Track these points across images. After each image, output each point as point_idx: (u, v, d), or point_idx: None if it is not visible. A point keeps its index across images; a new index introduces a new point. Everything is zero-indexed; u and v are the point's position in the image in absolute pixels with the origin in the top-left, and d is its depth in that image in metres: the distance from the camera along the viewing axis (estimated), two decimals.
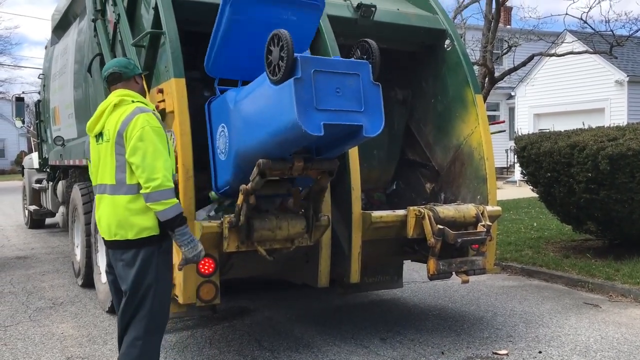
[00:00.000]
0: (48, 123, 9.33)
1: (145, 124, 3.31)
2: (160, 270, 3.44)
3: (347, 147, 3.78)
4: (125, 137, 3.32)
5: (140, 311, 3.41)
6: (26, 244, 10.50)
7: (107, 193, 3.42)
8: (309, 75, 3.26)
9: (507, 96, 25.11)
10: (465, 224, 4.59)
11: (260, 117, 3.56)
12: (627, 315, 5.65)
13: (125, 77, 3.56)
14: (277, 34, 3.37)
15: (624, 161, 6.77)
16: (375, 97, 3.51)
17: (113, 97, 3.48)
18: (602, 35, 13.04)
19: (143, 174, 3.25)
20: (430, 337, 5.02)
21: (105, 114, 3.45)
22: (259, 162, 3.50)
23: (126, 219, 3.35)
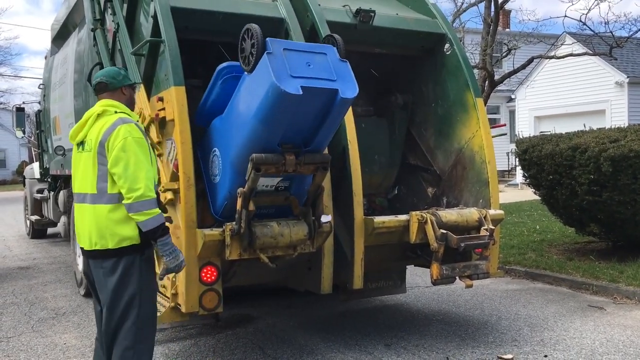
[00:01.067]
0: (49, 133, 9.33)
1: (127, 135, 3.32)
2: (144, 279, 3.43)
3: (331, 123, 3.82)
4: (107, 147, 3.33)
5: (126, 322, 3.39)
6: (28, 254, 10.48)
7: (88, 202, 3.42)
8: (280, 52, 3.56)
9: (508, 99, 25.12)
10: (468, 228, 4.58)
11: (245, 108, 3.75)
12: (633, 317, 5.62)
13: (112, 87, 3.56)
14: (248, 27, 3.68)
15: (626, 162, 6.75)
16: (345, 69, 3.78)
17: (97, 107, 3.51)
18: (601, 37, 13.06)
19: (125, 184, 3.26)
20: (435, 342, 5.00)
21: (89, 123, 3.48)
22: (252, 157, 3.60)
23: (107, 228, 3.34)
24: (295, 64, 3.56)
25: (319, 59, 3.68)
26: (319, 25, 4.77)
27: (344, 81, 3.68)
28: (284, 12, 4.83)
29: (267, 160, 3.63)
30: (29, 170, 12.67)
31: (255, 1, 4.94)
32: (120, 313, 3.39)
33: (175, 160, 4.08)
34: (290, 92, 3.41)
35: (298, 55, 3.61)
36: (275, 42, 3.60)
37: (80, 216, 3.50)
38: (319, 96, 3.58)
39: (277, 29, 4.81)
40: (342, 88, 3.63)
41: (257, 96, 3.58)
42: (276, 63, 3.49)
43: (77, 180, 3.52)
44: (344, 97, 3.62)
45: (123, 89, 3.60)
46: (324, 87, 3.59)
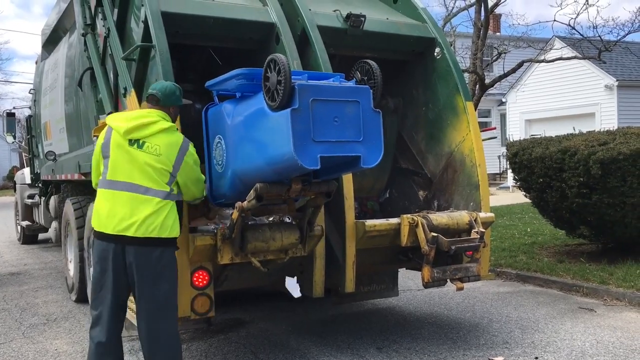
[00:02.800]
0: (39, 138, 9.31)
1: (194, 153, 3.83)
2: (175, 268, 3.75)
3: (344, 173, 3.81)
4: (185, 160, 3.73)
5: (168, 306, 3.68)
6: (19, 259, 10.42)
7: (149, 195, 3.60)
8: (307, 105, 3.20)
9: (498, 102, 25.25)
10: (458, 231, 4.60)
11: (257, 141, 3.54)
12: (622, 319, 5.66)
13: (162, 104, 3.84)
14: (273, 58, 3.32)
15: (615, 165, 6.81)
16: (376, 125, 3.44)
17: (157, 116, 3.75)
18: (590, 41, 13.16)
19: (200, 193, 3.94)
20: (427, 345, 5.01)
21: (152, 129, 3.68)
22: (256, 187, 3.50)
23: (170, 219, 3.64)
24: (321, 122, 3.23)
25: (349, 110, 3.34)
26: (310, 30, 4.80)
27: (370, 143, 3.39)
28: (274, 16, 4.84)
29: (271, 191, 3.55)
30: (20, 176, 12.62)
31: (245, 6, 4.95)
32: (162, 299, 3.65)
33: None
34: (306, 166, 3.17)
35: (326, 108, 3.25)
36: (304, 91, 3.20)
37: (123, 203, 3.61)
38: (338, 160, 3.37)
39: (268, 33, 4.83)
40: (365, 154, 3.36)
41: (272, 146, 3.34)
42: (299, 123, 3.16)
43: (127, 170, 3.64)
44: (363, 167, 3.40)
45: (172, 108, 3.89)
46: (346, 154, 3.32)
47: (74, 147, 6.82)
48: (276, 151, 3.30)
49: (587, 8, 13.75)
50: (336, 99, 3.32)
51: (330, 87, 3.43)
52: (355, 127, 3.34)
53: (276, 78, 3.26)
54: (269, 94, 3.34)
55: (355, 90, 3.45)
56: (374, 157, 3.42)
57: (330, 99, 3.30)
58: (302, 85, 3.23)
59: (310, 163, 3.18)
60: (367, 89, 3.53)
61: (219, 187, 4.00)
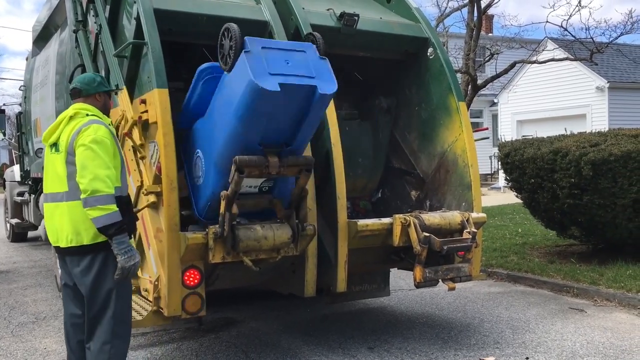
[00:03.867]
0: (29, 135, 9.24)
1: (92, 134, 3.42)
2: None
3: (311, 120, 3.84)
4: (74, 146, 3.44)
5: (104, 315, 3.50)
6: (8, 257, 10.34)
7: (64, 200, 3.48)
8: (258, 50, 3.56)
9: (490, 103, 25.33)
10: (450, 231, 4.60)
11: (224, 108, 3.75)
12: (612, 319, 5.69)
13: (85, 93, 3.68)
14: (227, 27, 3.68)
15: (606, 166, 6.84)
16: (324, 66, 3.77)
17: (70, 110, 3.62)
18: (582, 43, 13.22)
19: (82, 179, 3.33)
20: (418, 345, 5.02)
21: (62, 125, 3.57)
22: (235, 159, 3.60)
23: (82, 223, 3.42)
24: (274, 62, 3.57)
25: (298, 57, 3.70)
26: (303, 29, 4.78)
27: (323, 78, 3.70)
28: (267, 15, 4.82)
29: (250, 163, 3.63)
30: (10, 173, 12.51)
31: (239, 4, 4.93)
32: (97, 308, 3.50)
33: (158, 163, 4.05)
34: (268, 89, 3.43)
35: (276, 54, 3.63)
36: (253, 41, 3.60)
37: (52, 215, 3.57)
38: (297, 93, 3.61)
39: (261, 31, 4.80)
40: (320, 84, 3.65)
41: (236, 95, 3.60)
42: (254, 61, 3.51)
43: (49, 181, 3.60)
44: (322, 93, 3.64)
45: (97, 96, 3.71)
46: (302, 83, 3.61)
47: None
48: (240, 93, 3.56)
49: (580, 10, 13.81)
50: (284, 49, 3.73)
51: (277, 42, 4.00)
52: (306, 67, 3.69)
53: (228, 43, 3.62)
54: (223, 59, 3.69)
55: (299, 44, 3.88)
56: (329, 87, 3.69)
57: (278, 47, 3.72)
58: (250, 38, 3.61)
59: (272, 87, 3.44)
60: (310, 44, 3.90)
61: (202, 196, 4.07)
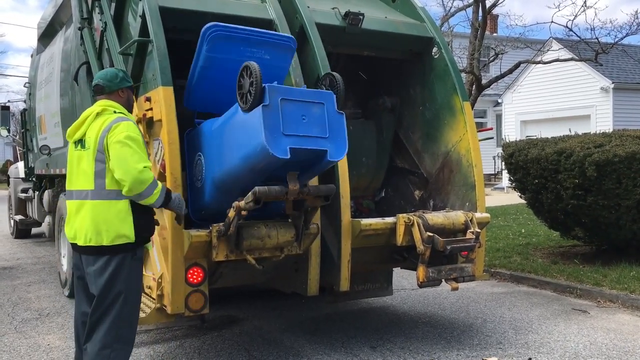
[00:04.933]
0: (34, 132, 9.26)
1: (124, 130, 3.42)
2: (132, 278, 3.52)
3: (313, 173, 3.90)
4: (105, 144, 3.42)
5: (107, 317, 3.45)
6: (12, 254, 10.37)
7: (89, 198, 3.46)
8: (277, 103, 3.48)
9: (494, 103, 25.29)
10: (454, 231, 4.60)
11: (233, 143, 3.72)
12: (616, 320, 5.68)
13: (108, 90, 3.67)
14: (247, 65, 3.61)
15: (611, 167, 6.82)
16: (339, 124, 3.71)
17: (96, 107, 3.59)
18: (587, 43, 13.18)
19: (127, 177, 3.33)
20: (420, 344, 5.01)
21: (87, 121, 3.55)
22: (255, 190, 3.57)
23: (104, 224, 3.41)
24: (290, 119, 3.50)
25: (316, 111, 3.62)
26: (308, 28, 4.78)
27: (336, 139, 3.65)
28: (272, 13, 4.82)
29: (270, 195, 3.62)
30: (14, 170, 12.54)
31: (244, 2, 4.93)
32: (102, 310, 3.46)
33: (162, 161, 4.06)
34: (277, 155, 3.39)
35: (295, 107, 3.54)
36: (273, 91, 3.49)
37: (74, 212, 3.53)
38: (306, 155, 3.59)
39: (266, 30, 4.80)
40: (331, 149, 3.60)
41: (245, 143, 3.56)
42: (270, 118, 3.43)
43: (74, 178, 3.57)
44: (330, 160, 3.63)
45: (120, 92, 3.70)
46: (314, 147, 3.56)
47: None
48: (250, 145, 3.51)
49: (585, 10, 13.80)
50: (303, 100, 3.62)
51: (298, 90, 3.79)
52: (321, 125, 3.62)
53: (248, 82, 3.54)
54: (242, 98, 3.61)
55: (320, 94, 3.77)
56: (339, 152, 3.68)
57: (298, 99, 3.60)
58: (271, 86, 3.52)
59: (281, 153, 3.40)
60: (331, 93, 3.81)
61: (198, 200, 4.10)
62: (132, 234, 3.44)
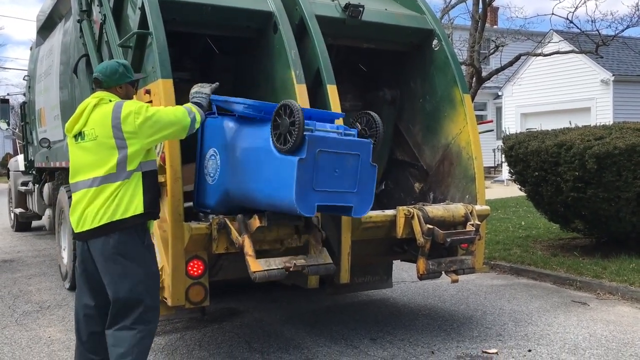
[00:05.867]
0: (34, 125, 9.24)
1: (134, 104, 3.49)
2: (147, 261, 3.54)
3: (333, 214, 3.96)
4: (124, 126, 3.39)
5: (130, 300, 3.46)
6: (12, 247, 10.38)
7: (95, 186, 3.44)
8: (313, 156, 3.40)
9: (495, 96, 25.25)
10: (454, 224, 4.60)
11: (258, 175, 3.65)
12: (615, 312, 5.69)
13: (106, 85, 3.65)
14: (288, 105, 3.45)
15: (611, 160, 6.82)
16: (370, 178, 3.72)
17: (92, 99, 3.59)
18: (588, 35, 13.15)
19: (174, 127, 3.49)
20: (420, 336, 5.03)
21: (85, 114, 3.53)
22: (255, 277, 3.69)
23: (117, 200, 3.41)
24: (323, 172, 3.45)
25: (350, 163, 3.56)
26: (308, 20, 4.76)
27: (363, 194, 3.64)
28: (272, 5, 4.80)
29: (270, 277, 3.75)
30: (14, 163, 12.54)
31: None
32: (123, 293, 3.46)
33: (162, 154, 4.05)
34: (304, 214, 3.40)
35: (330, 160, 3.45)
36: (313, 143, 3.36)
37: (81, 201, 3.50)
38: (331, 209, 3.63)
39: (266, 22, 4.79)
40: (357, 204, 3.59)
41: (273, 185, 3.51)
42: (304, 173, 3.37)
43: (79, 169, 3.54)
44: (354, 216, 3.68)
45: (117, 87, 3.67)
46: (340, 204, 3.57)
47: None
48: (277, 193, 3.47)
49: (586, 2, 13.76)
50: (340, 152, 3.54)
51: (336, 140, 3.63)
52: (353, 179, 3.60)
53: (288, 123, 3.38)
54: (279, 139, 3.46)
55: (358, 144, 3.68)
56: (364, 208, 3.69)
57: (335, 151, 3.52)
58: (312, 137, 3.41)
59: (308, 211, 3.41)
60: (369, 143, 3.75)
61: (206, 197, 4.05)
62: (142, 205, 3.45)
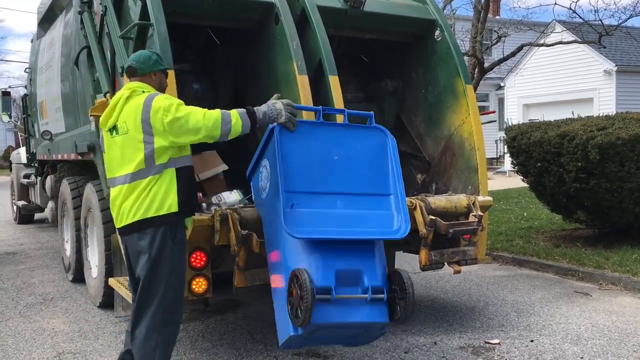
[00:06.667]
0: (35, 117, 9.24)
1: (165, 99, 3.39)
2: (174, 261, 3.46)
3: None
4: (152, 122, 3.33)
5: (152, 302, 3.42)
6: (15, 239, 10.41)
7: (128, 182, 3.41)
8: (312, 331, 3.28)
9: (497, 87, 25.18)
10: (456, 215, 4.60)
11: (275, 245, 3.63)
12: (617, 303, 5.69)
13: (141, 72, 3.59)
14: (296, 275, 3.21)
15: (614, 150, 6.80)
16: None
17: (124, 90, 3.53)
18: (591, 25, 13.09)
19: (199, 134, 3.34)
20: (423, 327, 5.04)
21: (118, 106, 3.48)
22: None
23: (150, 196, 3.36)
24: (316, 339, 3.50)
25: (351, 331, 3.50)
26: (310, 11, 4.74)
27: None
28: None
29: None
30: (16, 155, 12.56)
31: None
32: (148, 294, 3.43)
33: None
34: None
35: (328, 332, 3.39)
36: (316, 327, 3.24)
37: (118, 197, 3.47)
38: None
39: (267, 13, 4.77)
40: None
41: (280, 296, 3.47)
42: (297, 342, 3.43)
43: (115, 164, 3.51)
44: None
45: (152, 75, 3.62)
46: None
47: (70, 127, 6.77)
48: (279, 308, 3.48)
49: None
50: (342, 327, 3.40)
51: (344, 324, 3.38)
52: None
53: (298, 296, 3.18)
54: (292, 310, 3.28)
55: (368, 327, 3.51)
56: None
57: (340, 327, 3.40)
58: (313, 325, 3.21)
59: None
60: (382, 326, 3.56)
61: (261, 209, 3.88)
62: (176, 203, 3.39)
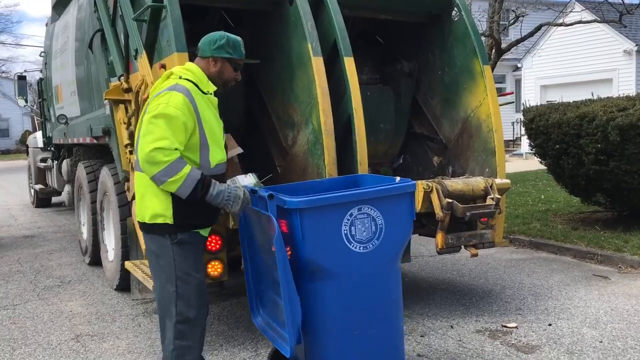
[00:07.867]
0: (51, 101, 9.28)
1: (162, 103, 3.00)
2: (180, 264, 3.11)
3: None
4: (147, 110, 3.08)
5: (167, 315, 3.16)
6: (33, 222, 10.53)
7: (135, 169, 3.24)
8: None
9: (514, 68, 24.83)
10: (474, 197, 4.54)
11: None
12: (637, 286, 5.62)
13: (201, 54, 3.27)
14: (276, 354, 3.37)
15: (634, 131, 6.67)
16: None
17: (170, 70, 3.29)
18: (611, 4, 12.81)
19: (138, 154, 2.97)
20: (439, 310, 5.01)
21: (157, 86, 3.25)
22: None
23: (143, 197, 3.12)
24: None
25: None
26: None
27: None
28: None
29: None
30: (32, 139, 12.65)
31: None
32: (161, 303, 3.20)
33: None
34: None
35: None
36: None
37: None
38: None
39: None
40: None
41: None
42: None
43: None
44: None
45: (211, 60, 3.23)
46: None
47: (86, 111, 6.78)
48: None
49: None
50: None
51: None
52: None
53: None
54: None
55: None
56: None
57: None
58: None
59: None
60: None
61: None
62: (170, 214, 3.02)
